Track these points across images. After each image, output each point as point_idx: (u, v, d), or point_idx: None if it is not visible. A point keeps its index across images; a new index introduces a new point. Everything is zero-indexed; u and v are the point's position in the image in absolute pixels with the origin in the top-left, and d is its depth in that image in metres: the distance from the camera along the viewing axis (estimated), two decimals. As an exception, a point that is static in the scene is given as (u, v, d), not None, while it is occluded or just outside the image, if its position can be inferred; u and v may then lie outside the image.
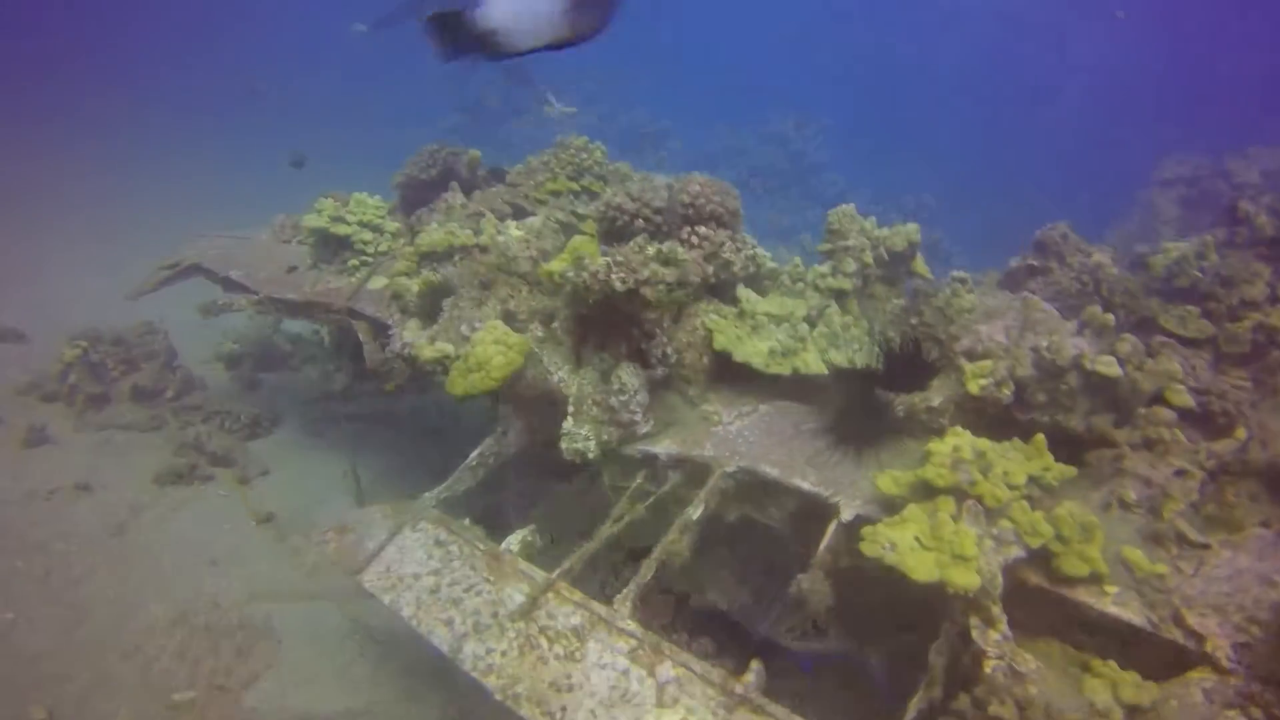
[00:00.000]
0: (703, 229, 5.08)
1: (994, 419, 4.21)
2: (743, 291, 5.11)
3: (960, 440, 3.62)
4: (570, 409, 4.44)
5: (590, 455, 4.32)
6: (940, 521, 3.37)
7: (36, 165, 17.80)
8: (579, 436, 4.32)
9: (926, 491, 3.60)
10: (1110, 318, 4.31)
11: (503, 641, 3.71)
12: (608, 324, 4.56)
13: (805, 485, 4.12)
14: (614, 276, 4.09)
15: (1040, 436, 3.84)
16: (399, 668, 4.95)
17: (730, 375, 4.83)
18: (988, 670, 3.20)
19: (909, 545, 3.33)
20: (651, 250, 4.22)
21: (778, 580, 5.25)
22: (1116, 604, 3.35)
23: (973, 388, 4.08)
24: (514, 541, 4.18)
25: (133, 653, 4.57)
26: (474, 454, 4.82)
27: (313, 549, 4.34)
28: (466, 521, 4.35)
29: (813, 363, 4.61)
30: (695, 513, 4.12)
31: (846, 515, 3.93)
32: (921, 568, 3.24)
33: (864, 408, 4.48)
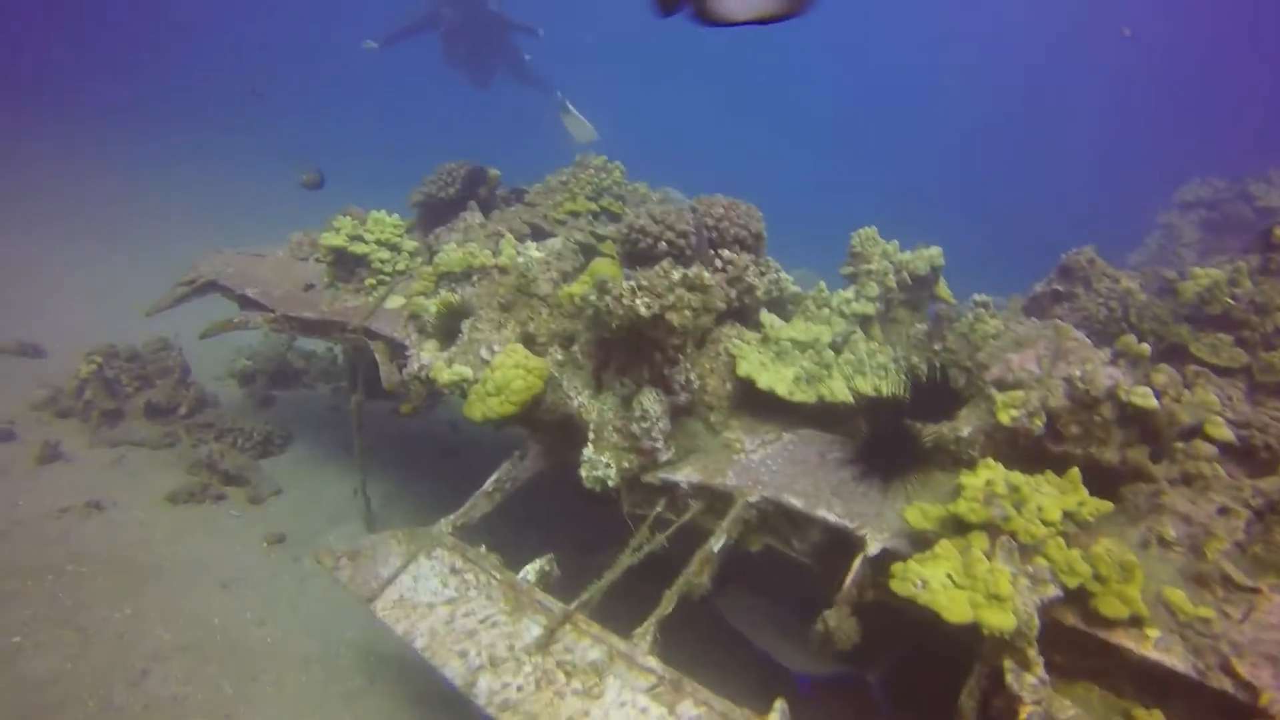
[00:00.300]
0: (726, 252, 5.02)
1: (1025, 451, 4.09)
2: (766, 316, 5.03)
3: (993, 474, 3.51)
4: (591, 436, 4.35)
5: (610, 483, 4.22)
6: (973, 559, 3.25)
7: (46, 176, 18.02)
8: (599, 464, 4.23)
9: (958, 526, 3.48)
10: (1146, 348, 4.19)
11: (519, 676, 3.61)
12: (630, 349, 4.48)
13: (830, 517, 4.00)
14: (639, 301, 4.01)
15: (1075, 470, 3.71)
16: (411, 695, 4.84)
17: (752, 402, 4.74)
18: (1023, 717, 3.06)
19: (941, 583, 3.21)
20: (677, 275, 4.15)
21: (797, 609, 5.14)
22: (1159, 649, 3.20)
23: (1004, 419, 3.96)
24: (531, 571, 4.08)
25: (139, 679, 4.48)
26: (490, 479, 4.74)
27: (325, 574, 4.24)
28: (483, 549, 4.26)
29: (838, 390, 4.51)
30: (717, 544, 4.02)
31: (873, 549, 3.81)
32: (955, 607, 3.12)
33: (890, 437, 4.37)
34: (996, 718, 3.26)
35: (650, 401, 4.23)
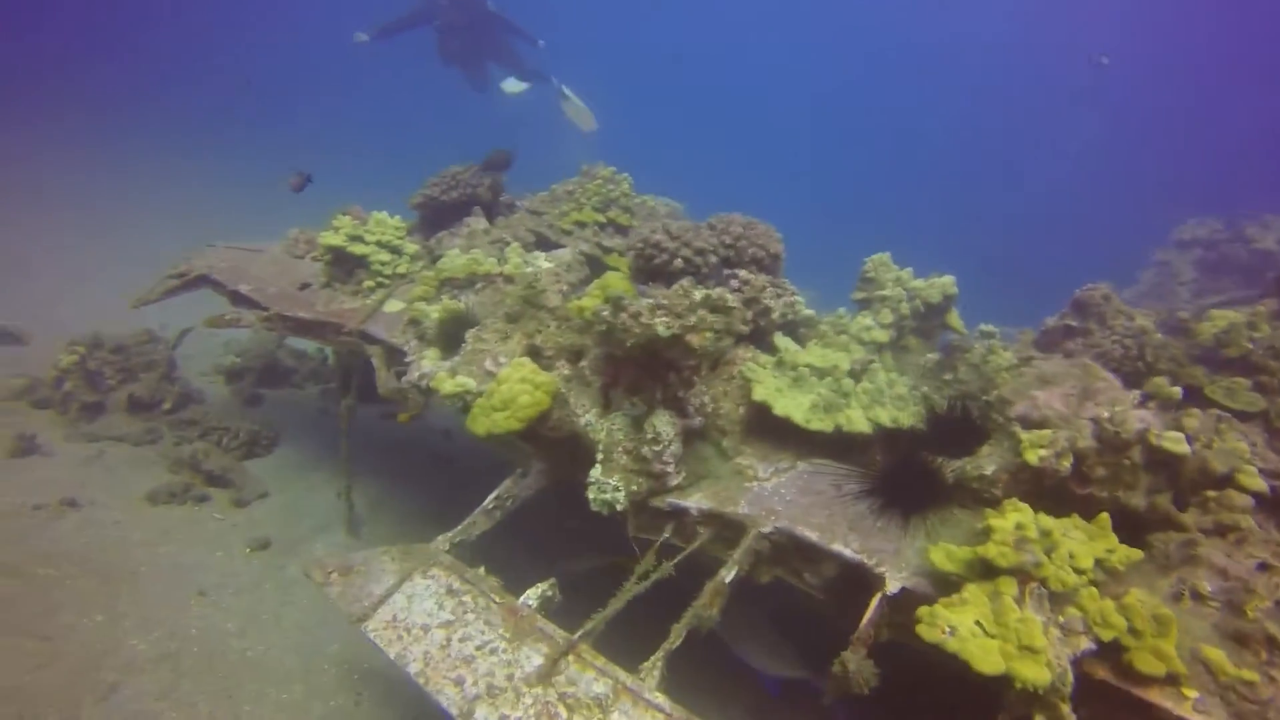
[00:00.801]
0: (743, 273, 4.87)
1: (1049, 492, 3.95)
2: (781, 340, 4.89)
3: (1023, 517, 3.36)
4: (599, 456, 4.17)
5: (619, 506, 4.04)
6: (1005, 606, 3.09)
7: (31, 163, 17.68)
8: (608, 487, 4.05)
9: (985, 570, 3.32)
10: (1177, 391, 4.08)
11: (518, 708, 3.40)
12: (642, 368, 4.31)
13: (847, 552, 3.84)
14: (658, 321, 3.85)
15: (1105, 516, 3.58)
16: (399, 716, 4.61)
17: (766, 428, 4.58)
18: (1056, 777, 2.90)
19: (970, 630, 3.05)
20: (699, 295, 3.99)
21: (770, 614, 5.01)
22: (1199, 711, 3.05)
23: (1031, 458, 3.83)
24: (532, 596, 3.88)
25: (108, 694, 4.23)
26: (491, 496, 4.54)
27: (313, 588, 4.02)
28: (481, 570, 4.06)
29: (856, 420, 4.36)
30: (728, 575, 3.84)
31: (892, 588, 3.65)
32: (986, 658, 2.96)
33: (910, 471, 4.22)
34: (1023, 775, 3.09)
35: (663, 424, 4.07)
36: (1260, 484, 3.81)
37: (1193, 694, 3.06)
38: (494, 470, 4.97)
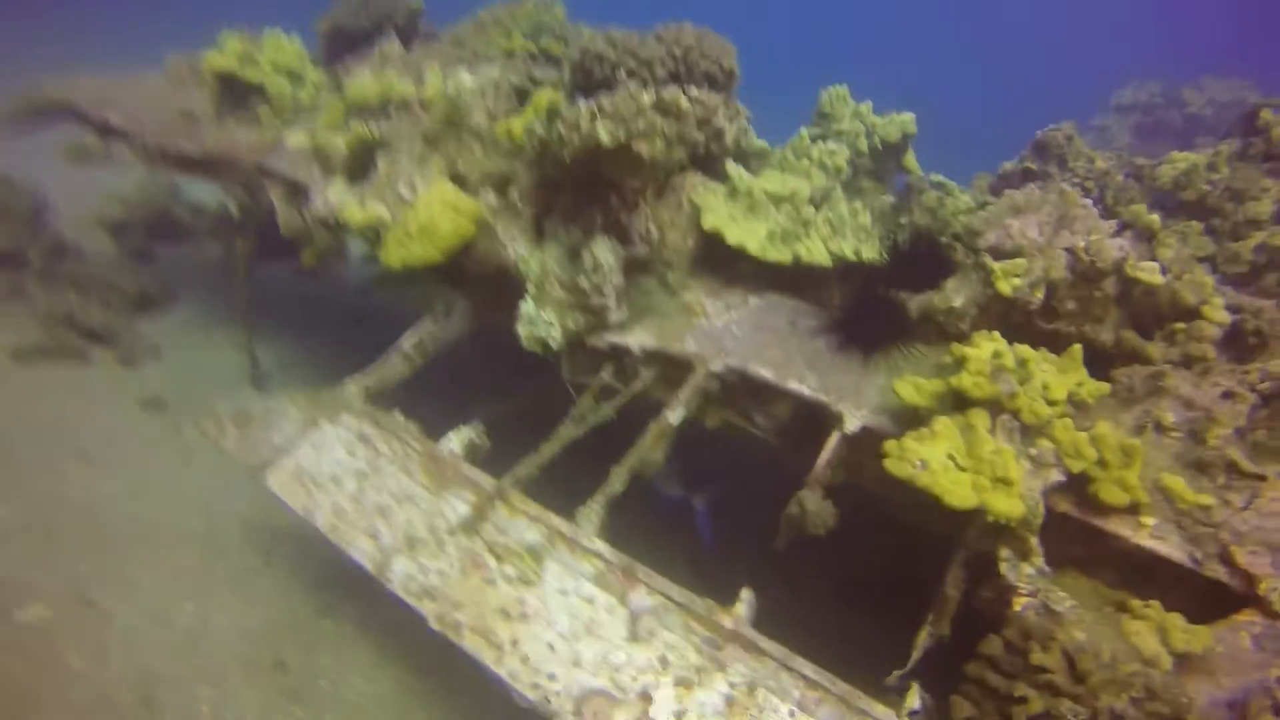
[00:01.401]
0: (694, 90, 4.28)
1: (1016, 327, 3.70)
2: (733, 168, 4.37)
3: (999, 346, 3.08)
4: (531, 290, 3.69)
5: (553, 345, 3.61)
6: (978, 438, 2.85)
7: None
8: (540, 322, 3.60)
9: (957, 402, 3.06)
10: (1156, 219, 3.82)
11: (441, 559, 3.06)
12: (580, 192, 3.78)
13: (804, 390, 3.54)
14: (600, 127, 3.28)
15: (1077, 347, 3.33)
16: (311, 579, 4.27)
17: (716, 261, 4.15)
18: (1017, 609, 2.76)
19: (942, 464, 2.80)
20: (648, 99, 3.42)
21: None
22: (1155, 537, 2.93)
23: (1004, 288, 3.53)
24: (455, 441, 3.48)
25: (-31, 560, 3.72)
26: (408, 336, 4.04)
27: (206, 440, 3.54)
28: (398, 415, 3.61)
29: (816, 251, 3.97)
30: (674, 417, 3.51)
31: (851, 426, 3.38)
32: (957, 491, 2.73)
33: (871, 306, 3.90)
34: (982, 609, 2.96)
35: (603, 252, 3.58)
36: (1224, 316, 3.63)
37: (1151, 521, 2.92)
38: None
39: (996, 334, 3.21)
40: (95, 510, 4.28)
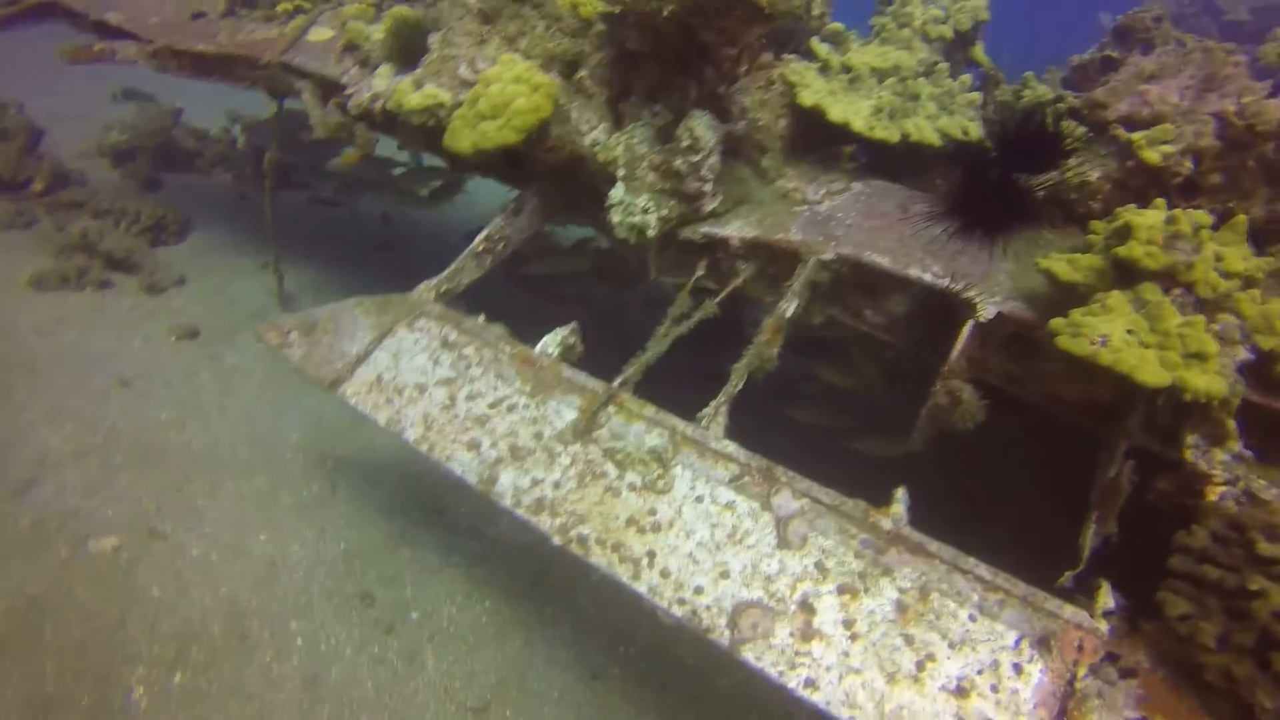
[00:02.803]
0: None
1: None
2: (819, 46, 3.94)
3: (1175, 211, 2.73)
4: (621, 173, 3.30)
5: (649, 232, 3.25)
6: (1163, 311, 2.53)
7: None
8: (635, 208, 3.23)
9: (1122, 276, 2.73)
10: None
11: (554, 469, 2.77)
12: (667, 64, 3.36)
13: (927, 277, 3.21)
14: (706, -30, 2.85)
15: (1242, 218, 2.97)
16: (382, 505, 4.01)
17: (811, 144, 3.76)
18: (1212, 499, 2.49)
19: (1123, 340, 2.49)
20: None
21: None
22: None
23: (1151, 157, 3.16)
24: (551, 343, 3.15)
25: (23, 490, 3.43)
26: (479, 237, 3.66)
27: (270, 352, 3.21)
28: (482, 319, 3.27)
29: (926, 130, 3.58)
30: (789, 308, 3.18)
31: (986, 313, 3.06)
32: (1146, 368, 2.42)
33: (984, 191, 3.53)
34: (1158, 502, 2.70)
35: (702, 127, 3.19)
36: (1398, 182, 3.28)
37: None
38: (443, 254, 4.10)
39: (1161, 200, 2.85)
40: (146, 439, 3.98)
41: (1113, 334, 2.50)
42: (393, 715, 3.03)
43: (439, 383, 3.05)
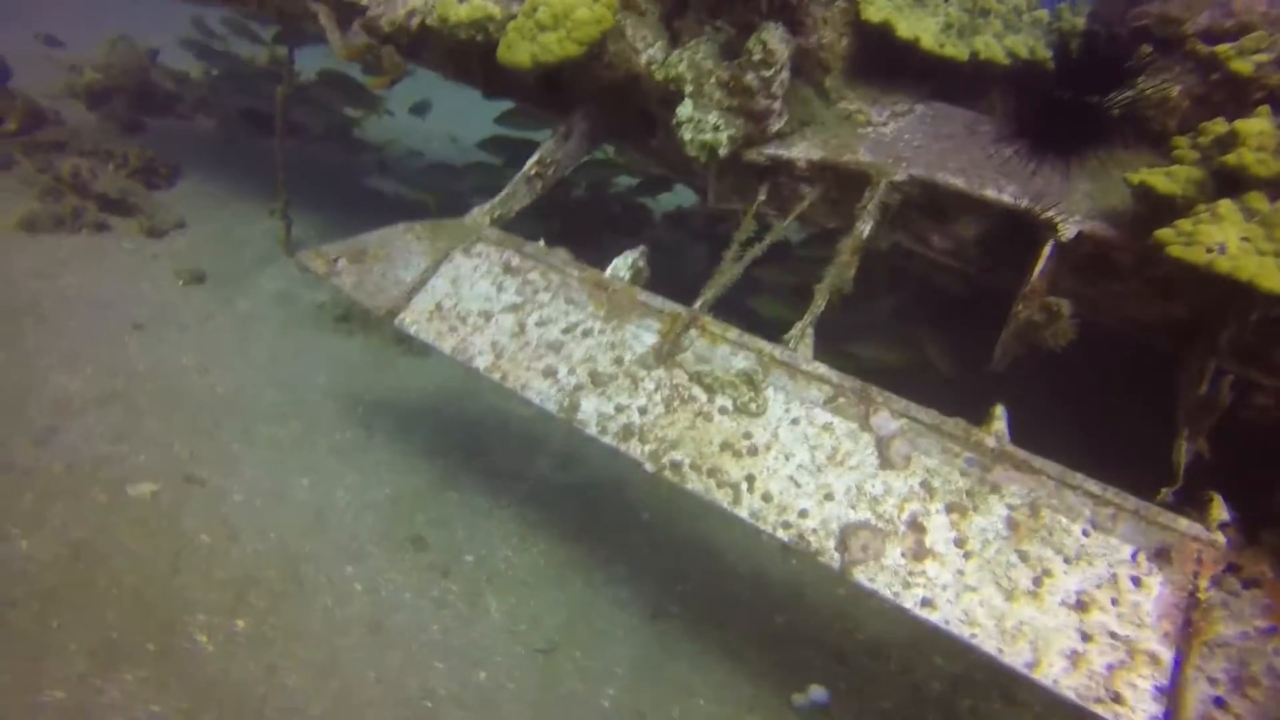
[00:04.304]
0: None
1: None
2: (874, -40, 3.75)
3: (1280, 116, 2.65)
4: (689, 89, 3.11)
5: (721, 151, 3.08)
6: (1278, 218, 2.45)
7: None
8: (706, 125, 3.05)
9: (1225, 184, 2.65)
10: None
11: (639, 395, 2.64)
12: (729, -27, 3.16)
13: (1005, 198, 3.10)
14: None
15: (1333, 129, 2.92)
16: (422, 448, 3.85)
17: (872, 65, 3.61)
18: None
19: (1240, 247, 2.41)
20: None
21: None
22: None
23: (1243, 68, 3.07)
24: (622, 266, 2.99)
25: (47, 437, 3.21)
26: (531, 160, 3.46)
27: (320, 279, 2.99)
28: (542, 244, 3.10)
29: (995, 48, 3.44)
30: (865, 229, 3.05)
31: (1068, 233, 2.97)
32: (1267, 274, 2.35)
33: (1054, 111, 3.42)
34: (1255, 417, 2.66)
35: (775, 40, 3.01)
36: None
37: None
38: (451, 204, 3.90)
39: (1266, 107, 2.76)
40: (169, 384, 3.76)
41: (1229, 241, 2.42)
42: (462, 659, 2.92)
43: (505, 309, 2.88)
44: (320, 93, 6.30)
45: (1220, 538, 2.29)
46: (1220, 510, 2.34)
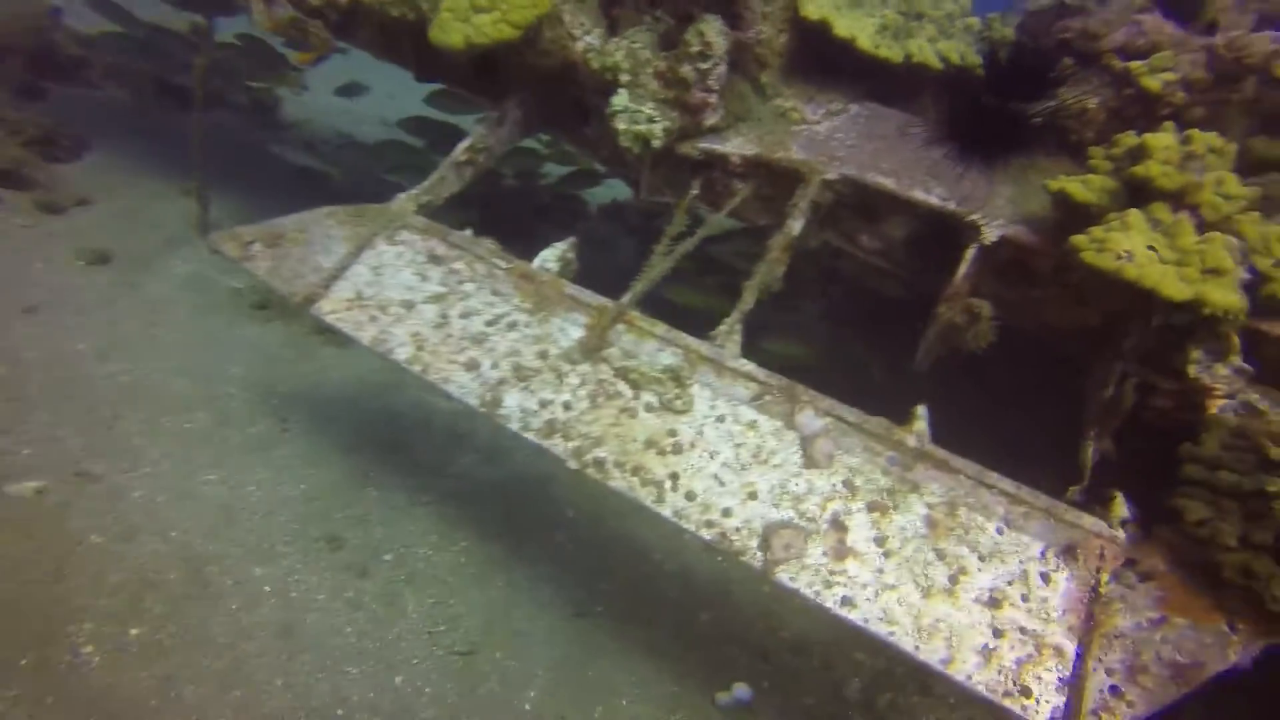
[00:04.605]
0: None
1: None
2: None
3: (1190, 132, 2.75)
4: (625, 79, 3.06)
5: (655, 142, 3.04)
6: (1180, 229, 2.55)
7: None
8: (640, 116, 3.00)
9: (1134, 195, 2.75)
10: (1292, 11, 3.51)
11: (563, 390, 2.58)
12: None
13: (932, 199, 3.15)
14: None
15: (1232, 146, 3.04)
16: (341, 443, 3.70)
17: (809, 63, 3.62)
18: (1212, 411, 2.56)
19: (1146, 256, 2.50)
20: None
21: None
22: (1324, 337, 2.78)
23: (1152, 85, 3.19)
24: (550, 258, 2.92)
25: (-79, 427, 2.94)
26: (461, 146, 3.34)
27: (232, 263, 2.81)
28: (469, 232, 3.00)
29: (928, 52, 3.49)
30: (795, 227, 3.06)
31: (990, 236, 3.04)
32: (1169, 283, 2.44)
33: (981, 117, 3.50)
34: (1154, 419, 2.77)
35: (714, 32, 2.99)
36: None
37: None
38: (382, 187, 3.75)
39: (1170, 123, 2.87)
40: (62, 372, 3.50)
41: (1136, 249, 2.51)
42: (378, 663, 2.81)
43: (428, 299, 2.77)
44: (230, 58, 5.92)
45: (1121, 534, 2.38)
46: (1121, 508, 2.44)
